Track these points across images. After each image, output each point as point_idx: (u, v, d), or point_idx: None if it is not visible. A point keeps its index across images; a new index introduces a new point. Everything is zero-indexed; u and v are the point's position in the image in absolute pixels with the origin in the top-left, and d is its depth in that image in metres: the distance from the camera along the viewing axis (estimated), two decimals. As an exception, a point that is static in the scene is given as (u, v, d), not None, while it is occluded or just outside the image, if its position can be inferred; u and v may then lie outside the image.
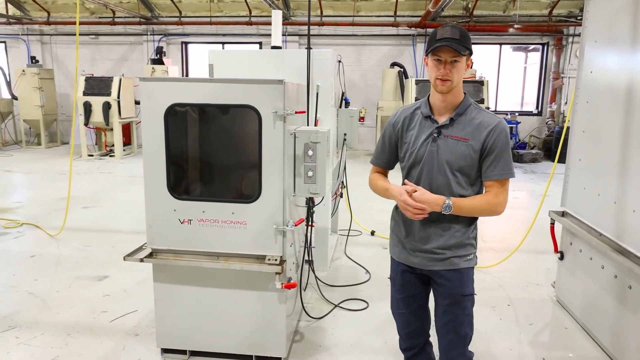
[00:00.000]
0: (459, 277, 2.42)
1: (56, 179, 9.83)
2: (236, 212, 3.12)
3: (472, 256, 2.45)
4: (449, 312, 2.46)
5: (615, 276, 3.51)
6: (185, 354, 3.45)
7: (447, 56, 2.23)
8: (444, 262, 2.41)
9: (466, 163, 2.33)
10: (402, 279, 2.60)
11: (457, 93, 2.36)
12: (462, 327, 2.46)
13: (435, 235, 2.40)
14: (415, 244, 2.47)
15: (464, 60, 2.27)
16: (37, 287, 4.63)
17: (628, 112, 3.37)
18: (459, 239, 2.40)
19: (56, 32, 15.43)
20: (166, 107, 3.05)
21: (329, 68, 4.69)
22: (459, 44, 2.19)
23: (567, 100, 14.03)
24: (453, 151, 2.33)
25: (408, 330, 2.67)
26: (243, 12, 14.51)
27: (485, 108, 2.46)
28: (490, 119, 2.34)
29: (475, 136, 2.31)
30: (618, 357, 3.48)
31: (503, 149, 2.30)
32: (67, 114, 15.75)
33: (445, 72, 2.25)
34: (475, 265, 2.52)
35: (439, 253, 2.41)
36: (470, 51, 2.27)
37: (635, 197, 3.26)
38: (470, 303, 2.47)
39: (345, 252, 5.74)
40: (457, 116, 2.35)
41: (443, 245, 2.40)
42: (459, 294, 2.43)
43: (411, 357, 2.72)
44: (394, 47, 14.54)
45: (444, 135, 2.35)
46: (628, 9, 3.38)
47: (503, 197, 2.34)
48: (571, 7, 13.70)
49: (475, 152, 2.31)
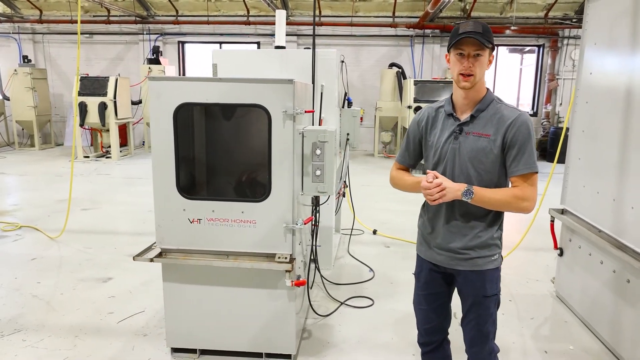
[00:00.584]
0: (481, 278, 2.41)
1: (52, 181, 9.80)
2: (246, 211, 3.16)
3: (496, 256, 2.42)
4: (472, 312, 2.46)
5: (614, 271, 3.59)
6: (195, 353, 3.49)
7: (470, 49, 2.21)
8: (468, 262, 2.40)
9: (488, 159, 2.30)
10: (426, 276, 2.60)
11: (480, 89, 2.33)
12: (485, 325, 2.46)
13: (459, 235, 2.39)
14: (439, 243, 2.46)
15: (487, 55, 2.25)
16: (41, 290, 4.64)
17: (627, 113, 3.45)
18: (483, 239, 2.38)
19: (49, 30, 15.31)
20: (175, 106, 3.08)
21: (333, 68, 4.75)
22: (482, 37, 2.18)
23: (562, 101, 14.18)
24: (474, 148, 2.30)
25: (428, 326, 2.68)
26: (241, 11, 14.52)
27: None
28: (510, 112, 2.29)
29: (496, 130, 2.28)
30: (616, 348, 3.57)
31: (525, 142, 2.24)
32: (61, 114, 15.69)
33: (468, 65, 2.23)
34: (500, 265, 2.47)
35: (462, 253, 2.40)
36: (492, 46, 2.23)
37: (634, 194, 3.34)
38: (494, 302, 2.45)
39: (349, 251, 5.80)
40: (478, 112, 2.33)
41: (466, 245, 2.38)
42: (481, 295, 2.42)
43: (428, 352, 2.73)
44: (393, 48, 14.61)
45: (465, 132, 2.34)
46: (628, 13, 3.45)
47: (530, 192, 2.26)
48: (566, 9, 13.84)
49: (497, 147, 2.28)
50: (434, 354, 2.72)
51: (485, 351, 2.50)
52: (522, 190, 2.26)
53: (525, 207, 2.27)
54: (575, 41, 13.86)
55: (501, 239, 2.45)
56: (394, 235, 6.44)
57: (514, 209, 2.28)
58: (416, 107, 11.39)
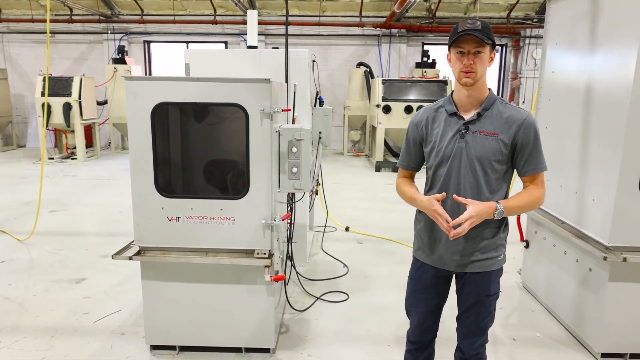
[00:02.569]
0: (487, 278, 2.42)
1: (16, 183, 9.57)
2: (224, 208, 3.21)
3: (502, 256, 2.44)
4: (472, 309, 2.47)
5: (577, 260, 3.78)
6: (174, 350, 3.51)
7: (470, 47, 2.21)
8: (474, 264, 2.39)
9: (496, 158, 2.29)
10: (426, 280, 2.56)
11: (482, 87, 2.33)
12: (484, 321, 2.50)
13: (468, 238, 2.36)
14: (444, 247, 2.42)
15: (487, 52, 2.25)
16: (12, 292, 4.56)
17: (587, 110, 3.64)
18: (490, 240, 2.38)
19: (8, 30, 14.90)
20: (153, 106, 3.09)
21: (305, 67, 4.82)
22: (481, 34, 2.18)
23: (525, 99, 14.62)
24: (482, 147, 2.29)
25: (421, 328, 2.66)
26: (208, 11, 14.45)
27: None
28: (518, 112, 2.31)
29: (504, 130, 2.28)
30: (580, 333, 3.77)
31: (535, 142, 2.29)
32: (23, 115, 15.27)
33: (469, 62, 2.22)
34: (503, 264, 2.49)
35: (469, 257, 2.39)
36: (493, 42, 2.24)
37: (594, 186, 3.54)
38: (494, 300, 2.49)
39: (322, 248, 5.89)
40: (485, 111, 2.31)
41: (474, 249, 2.37)
42: (484, 295, 2.43)
43: (416, 350, 2.74)
44: (360, 47, 14.79)
45: (472, 131, 2.31)
46: (587, 14, 3.64)
47: (543, 188, 2.36)
48: (528, 10, 14.29)
49: (506, 146, 2.28)
50: (421, 352, 2.74)
51: (479, 343, 2.55)
52: (539, 189, 2.34)
53: (542, 202, 2.38)
54: (536, 40, 14.34)
55: (507, 237, 2.47)
56: (365, 232, 6.56)
57: (534, 207, 2.39)
58: (384, 105, 11.57)
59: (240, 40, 14.77)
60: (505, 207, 2.26)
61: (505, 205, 2.26)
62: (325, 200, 6.26)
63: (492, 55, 2.31)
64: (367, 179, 10.56)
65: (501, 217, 2.27)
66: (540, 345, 3.76)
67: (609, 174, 3.32)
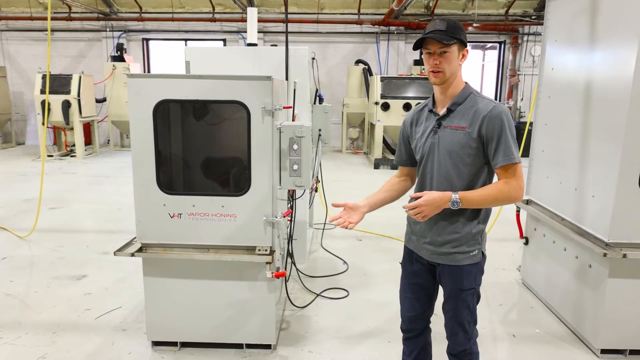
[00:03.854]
0: (459, 272, 2.44)
1: (16, 181, 9.57)
2: (226, 205, 3.22)
3: (475, 252, 2.43)
4: (449, 302, 2.52)
5: (577, 257, 3.80)
6: (176, 346, 3.52)
7: (435, 47, 2.29)
8: (447, 256, 2.44)
9: (465, 152, 2.33)
10: (411, 267, 2.65)
11: (456, 84, 2.39)
12: (462, 316, 2.52)
13: (439, 229, 2.43)
14: (421, 236, 2.51)
15: (455, 50, 2.31)
16: (14, 289, 4.57)
17: (586, 106, 3.66)
18: (461, 234, 2.40)
19: (7, 27, 14.88)
20: (155, 103, 3.10)
21: (305, 65, 4.83)
22: (444, 34, 2.25)
23: (523, 97, 14.64)
24: (452, 141, 2.34)
25: (411, 314, 2.72)
26: (206, 8, 14.43)
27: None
28: (485, 105, 2.32)
29: (472, 123, 2.31)
30: (579, 329, 3.79)
31: (500, 133, 2.26)
32: (22, 113, 15.25)
33: (434, 62, 2.30)
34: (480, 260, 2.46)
35: (441, 247, 2.44)
36: (459, 40, 2.30)
37: (594, 183, 3.55)
38: (471, 295, 2.48)
39: (322, 245, 5.91)
40: (455, 105, 2.37)
41: (444, 240, 2.42)
42: (457, 289, 2.46)
43: (409, 339, 2.79)
44: (358, 45, 14.79)
45: (443, 126, 2.38)
46: (587, 11, 3.65)
47: (515, 182, 2.29)
48: (526, 7, 14.31)
49: (474, 140, 2.31)
50: (415, 341, 2.78)
51: (462, 339, 2.56)
52: (509, 183, 2.29)
53: (515, 197, 2.31)
54: (534, 38, 14.35)
55: (482, 234, 2.46)
56: (365, 229, 6.57)
57: (503, 202, 2.32)
58: (383, 103, 11.58)
59: (239, 38, 14.76)
60: (462, 197, 2.27)
61: (462, 196, 2.27)
62: (325, 197, 6.27)
63: (464, 52, 2.37)
64: (365, 177, 10.58)
65: (458, 207, 2.27)
66: (540, 342, 3.78)
67: (609, 171, 3.33)
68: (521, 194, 2.32)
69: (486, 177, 2.41)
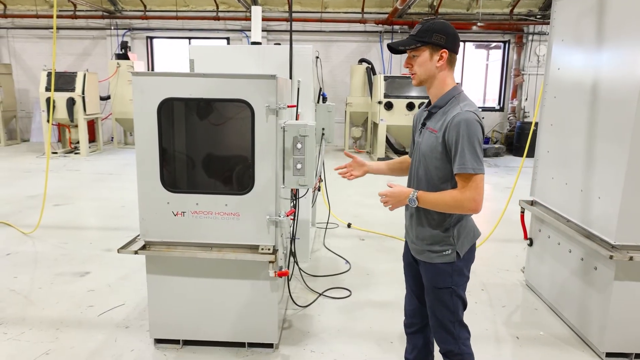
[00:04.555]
0: (432, 270, 2.49)
1: (20, 177, 9.60)
2: (229, 203, 3.21)
3: (449, 252, 2.43)
4: (428, 300, 2.58)
5: (582, 259, 3.77)
6: (178, 344, 3.52)
7: (408, 51, 2.38)
8: (422, 254, 2.52)
9: (434, 155, 2.35)
10: (406, 259, 2.77)
11: (438, 86, 2.39)
12: (441, 315, 2.53)
13: (415, 226, 2.53)
14: (407, 232, 2.65)
15: (425, 53, 2.32)
16: (18, 285, 4.58)
17: (593, 107, 3.63)
18: (432, 233, 2.45)
19: (13, 25, 14.93)
20: (159, 101, 3.10)
21: (309, 64, 4.81)
22: (412, 38, 2.32)
23: (528, 97, 14.59)
24: (426, 143, 2.40)
25: (410, 308, 2.82)
26: (210, 6, 14.43)
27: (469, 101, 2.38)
28: (453, 110, 2.29)
29: (440, 128, 2.33)
30: (584, 333, 3.76)
31: (457, 142, 2.23)
32: (27, 110, 15.30)
33: (406, 65, 2.43)
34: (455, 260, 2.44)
35: (417, 244, 2.54)
36: (428, 42, 2.29)
37: (601, 184, 3.52)
38: (448, 295, 2.47)
39: (324, 244, 5.89)
40: (435, 108, 2.41)
41: (417, 236, 2.52)
42: (432, 286, 2.52)
43: (410, 334, 2.88)
44: (362, 44, 14.75)
45: (426, 127, 2.44)
46: (594, 11, 3.63)
47: (470, 193, 2.23)
48: (531, 6, 14.25)
49: (440, 144, 2.32)
50: (415, 337, 2.85)
51: (448, 337, 2.55)
52: (462, 192, 2.25)
53: (468, 207, 2.26)
54: (539, 37, 14.29)
55: (455, 237, 2.43)
56: (367, 229, 6.56)
57: (458, 210, 2.31)
58: (386, 102, 11.55)
59: (242, 37, 14.75)
60: (420, 197, 2.34)
61: (420, 195, 2.35)
62: (328, 196, 6.26)
63: (441, 53, 2.32)
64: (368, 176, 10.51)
65: (414, 205, 2.35)
66: (544, 344, 3.76)
67: (616, 172, 3.31)
68: (475, 206, 2.25)
69: (455, 184, 2.34)
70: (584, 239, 3.62)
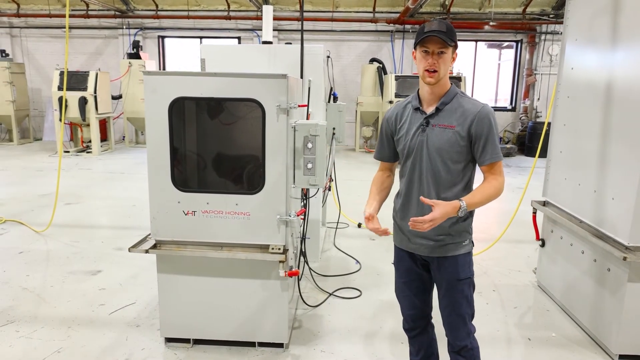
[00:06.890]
0: (454, 263, 2.52)
1: (33, 176, 9.69)
2: (240, 203, 3.22)
3: (467, 242, 2.54)
4: (447, 296, 2.58)
5: (595, 260, 3.73)
6: (188, 343, 3.53)
7: (435, 47, 2.33)
8: (441, 249, 2.51)
9: (454, 150, 2.41)
10: (404, 265, 2.73)
11: (444, 84, 2.45)
12: (461, 308, 2.57)
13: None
14: (412, 234, 2.56)
15: (450, 53, 2.38)
16: (30, 283, 4.63)
17: (607, 107, 3.59)
18: (454, 227, 2.48)
19: (26, 24, 15.09)
20: (171, 100, 3.11)
21: (320, 63, 4.81)
22: (445, 36, 2.31)
23: (540, 96, 14.46)
24: (441, 139, 2.42)
25: (412, 312, 2.78)
26: (221, 6, 14.48)
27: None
28: (473, 105, 2.42)
29: (460, 123, 2.40)
30: (596, 334, 3.72)
31: (489, 133, 2.38)
32: (40, 109, 15.46)
33: (432, 62, 2.35)
34: (471, 250, 2.59)
35: (435, 240, 2.50)
36: (455, 44, 2.38)
37: (614, 185, 3.48)
38: (467, 285, 2.55)
39: (335, 244, 5.88)
40: (443, 105, 2.44)
41: (438, 233, 2.47)
42: (455, 279, 2.52)
43: (414, 337, 2.85)
44: (373, 43, 14.72)
45: (432, 124, 2.45)
46: (608, 10, 3.59)
47: (502, 177, 2.45)
48: (544, 5, 14.12)
49: (462, 138, 2.40)
50: (419, 338, 2.84)
51: (464, 333, 2.59)
52: (497, 179, 2.43)
53: (502, 191, 2.45)
54: (552, 37, 14.16)
55: (471, 225, 2.57)
56: (378, 228, 6.52)
57: (495, 198, 2.43)
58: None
59: (254, 36, 14.78)
60: (468, 203, 2.34)
61: (468, 201, 2.35)
62: (338, 196, 6.25)
63: (454, 55, 2.43)
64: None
65: (465, 214, 2.35)
66: (556, 346, 3.72)
67: (630, 173, 3.27)
68: (504, 188, 2.48)
69: (471, 172, 2.53)
70: (597, 240, 3.58)
